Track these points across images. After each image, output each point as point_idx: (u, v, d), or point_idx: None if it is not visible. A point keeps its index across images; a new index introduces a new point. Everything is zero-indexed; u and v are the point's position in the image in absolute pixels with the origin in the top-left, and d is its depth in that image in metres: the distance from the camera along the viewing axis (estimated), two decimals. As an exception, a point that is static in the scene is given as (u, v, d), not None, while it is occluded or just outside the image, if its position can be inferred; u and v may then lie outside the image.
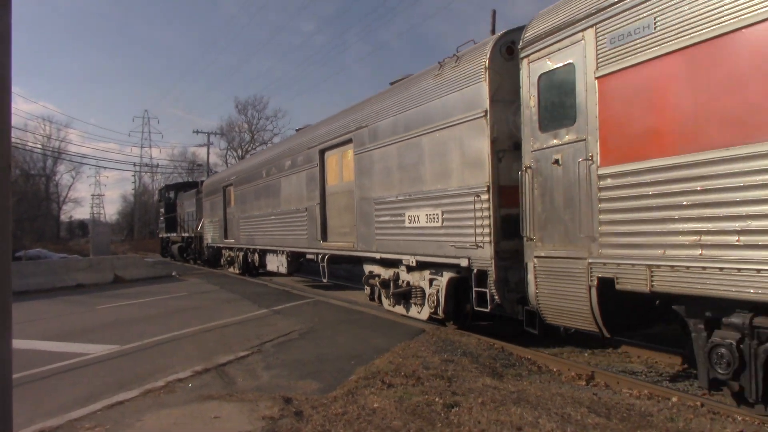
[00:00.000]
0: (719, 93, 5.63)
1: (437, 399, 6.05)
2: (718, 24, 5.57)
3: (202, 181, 34.04)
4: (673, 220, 6.00)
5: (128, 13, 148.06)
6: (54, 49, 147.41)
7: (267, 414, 5.72)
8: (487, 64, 8.97)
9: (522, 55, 8.32)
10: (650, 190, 6.24)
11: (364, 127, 12.93)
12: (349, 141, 13.64)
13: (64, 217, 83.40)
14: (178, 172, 78.05)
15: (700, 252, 5.72)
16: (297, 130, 19.92)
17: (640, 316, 7.47)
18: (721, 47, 5.58)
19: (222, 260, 27.45)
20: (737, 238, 5.35)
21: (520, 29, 8.64)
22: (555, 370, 7.90)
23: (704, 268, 5.65)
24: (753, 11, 5.28)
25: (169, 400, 6.51)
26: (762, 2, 5.20)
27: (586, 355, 8.94)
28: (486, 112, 8.95)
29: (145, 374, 7.78)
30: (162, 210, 41.65)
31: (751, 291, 5.23)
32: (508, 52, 9.03)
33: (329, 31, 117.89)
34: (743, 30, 5.37)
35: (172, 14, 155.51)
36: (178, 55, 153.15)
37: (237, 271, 24.79)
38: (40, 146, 64.88)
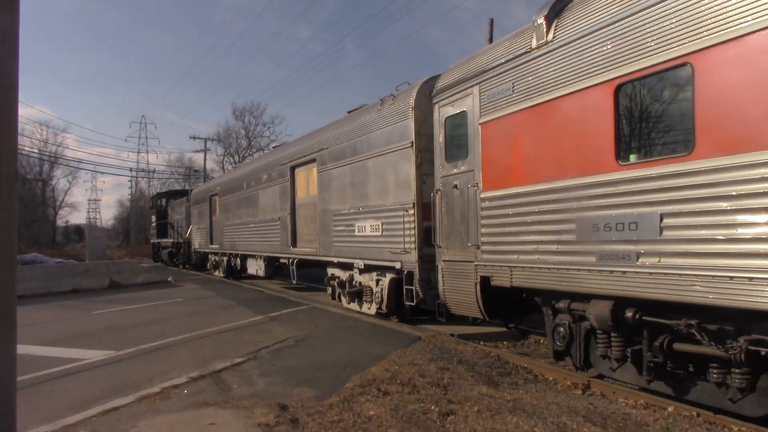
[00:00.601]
0: (547, 142, 7.66)
1: (433, 407, 6.04)
2: (546, 92, 7.62)
3: (191, 190, 36.04)
4: (522, 233, 8.03)
5: (125, 18, 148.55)
6: (51, 54, 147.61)
7: (262, 421, 5.71)
8: (413, 104, 11.02)
9: (434, 101, 10.38)
10: (510, 210, 8.30)
11: (325, 149, 14.98)
12: (314, 160, 15.65)
13: (60, 222, 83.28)
14: (174, 178, 78.13)
15: (537, 257, 7.74)
16: (274, 147, 22.47)
17: (516, 307, 9.33)
18: (549, 110, 7.62)
19: (208, 264, 29.37)
20: (556, 247, 7.41)
21: (437, 78, 10.66)
22: (551, 378, 7.89)
23: (540, 268, 7.68)
24: (564, 86, 7.33)
25: (165, 406, 6.49)
26: (572, 81, 7.22)
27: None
28: (412, 143, 11.01)
29: (141, 380, 7.75)
30: (154, 217, 43.03)
31: (565, 284, 7.28)
32: (430, 94, 10.69)
33: (326, 38, 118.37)
34: (560, 99, 7.41)
35: (170, 20, 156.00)
36: (175, 60, 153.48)
37: (222, 275, 26.54)
38: (36, 151, 64.79)
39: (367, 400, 6.39)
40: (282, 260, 18.69)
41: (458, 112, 9.65)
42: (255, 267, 21.41)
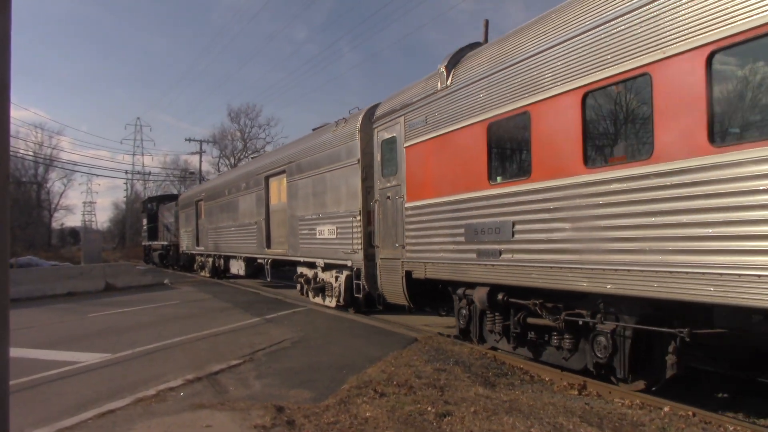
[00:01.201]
0: (447, 165, 9.77)
1: (430, 408, 6.05)
2: (446, 125, 9.75)
3: (179, 195, 38.44)
4: (431, 235, 10.16)
5: (120, 20, 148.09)
6: (45, 56, 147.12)
7: (259, 423, 5.70)
8: (359, 128, 13.17)
9: (374, 126, 12.49)
10: (423, 218, 10.41)
11: (293, 162, 17.13)
12: (284, 171, 17.77)
13: (55, 225, 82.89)
14: (170, 180, 77.96)
15: (441, 254, 9.88)
16: (252, 158, 25.91)
17: (437, 297, 11.03)
18: (448, 139, 9.72)
19: (195, 265, 31.21)
20: (452, 247, 9.53)
21: (377, 106, 12.82)
22: (547, 379, 7.90)
23: (443, 263, 9.83)
24: (458, 122, 9.45)
25: (161, 408, 6.48)
26: (462, 118, 9.32)
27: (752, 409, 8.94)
28: (359, 160, 13.13)
29: (137, 383, 7.73)
30: (145, 220, 44.45)
31: (458, 275, 9.45)
32: (371, 120, 12.73)
33: (322, 40, 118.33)
34: (455, 132, 9.56)
35: (165, 22, 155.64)
36: (171, 62, 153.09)
37: (207, 275, 28.30)
38: (31, 153, 64.58)
39: (363, 402, 6.39)
40: (259, 260, 20.70)
41: (390, 136, 11.75)
42: (236, 267, 23.46)
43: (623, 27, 6.47)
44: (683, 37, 5.79)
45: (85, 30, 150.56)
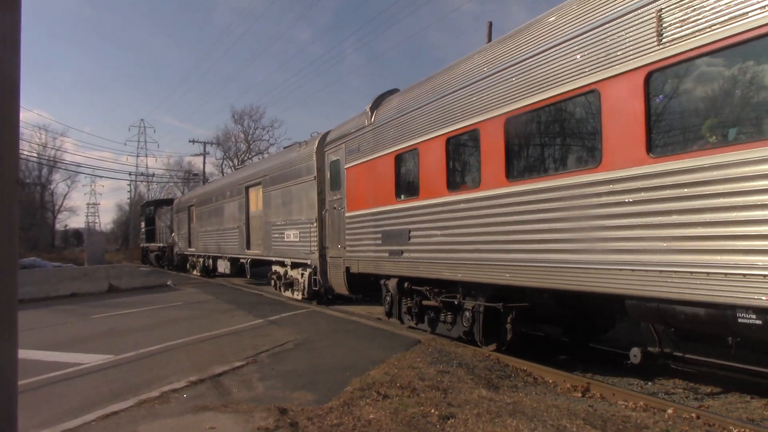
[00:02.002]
0: (371, 184, 12.28)
1: (433, 410, 6.04)
2: (371, 154, 12.30)
3: (174, 200, 41.14)
4: (362, 238, 12.74)
5: (124, 22, 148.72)
6: (48, 57, 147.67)
7: (262, 425, 5.70)
8: (315, 150, 15.90)
9: (325, 149, 15.32)
10: (357, 225, 13.02)
11: (267, 175, 20.01)
12: (260, 183, 20.65)
13: (59, 226, 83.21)
14: (174, 182, 78.11)
15: (368, 254, 12.43)
16: (236, 169, 30.21)
17: (372, 288, 13.46)
18: (372, 164, 12.27)
19: (187, 265, 34.00)
20: (374, 247, 12.02)
21: (329, 133, 15.58)
22: (551, 381, 7.89)
23: (369, 260, 12.39)
24: (377, 152, 11.99)
25: (164, 410, 6.48)
26: (380, 150, 11.87)
27: (581, 366, 8.93)
28: (315, 177, 15.83)
29: (140, 384, 7.74)
30: (143, 223, 47.26)
31: (379, 270, 12.01)
32: (323, 145, 15.57)
33: (325, 42, 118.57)
34: (376, 159, 12.09)
35: (168, 23, 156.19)
36: (174, 64, 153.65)
37: (199, 273, 31.02)
38: (35, 155, 64.78)
39: (366, 404, 6.39)
40: (241, 260, 23.57)
41: (336, 158, 14.44)
42: (223, 266, 26.18)
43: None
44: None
45: (89, 31, 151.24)
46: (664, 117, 6.17)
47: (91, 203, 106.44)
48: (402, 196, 11.20)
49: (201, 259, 30.24)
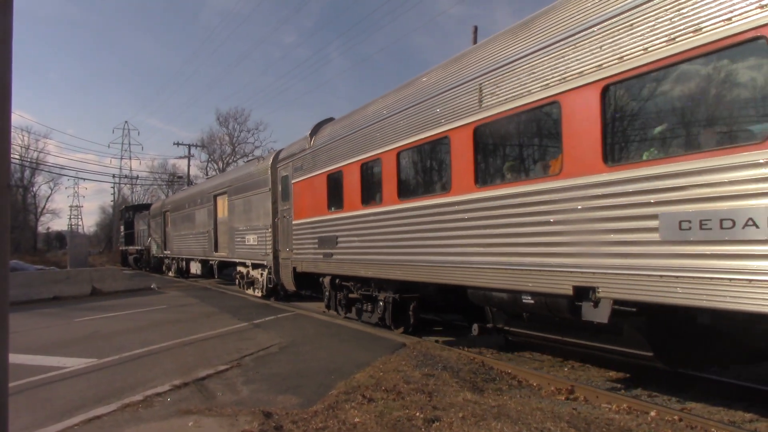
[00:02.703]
0: (311, 197, 14.56)
1: (418, 414, 6.05)
2: (312, 172, 14.48)
3: (151, 205, 43.28)
4: (304, 243, 14.97)
5: (108, 23, 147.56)
6: (31, 58, 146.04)
7: (247, 429, 5.69)
8: (269, 166, 18.14)
9: (277, 166, 17.71)
10: (301, 231, 15.27)
11: (231, 185, 22.26)
12: (226, 192, 22.95)
13: (41, 229, 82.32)
14: (158, 185, 77.52)
15: (308, 255, 14.61)
16: (207, 178, 33.22)
17: (315, 285, 15.50)
18: (312, 181, 14.48)
19: (163, 267, 36.25)
20: (313, 250, 14.23)
21: (281, 151, 18.17)
22: (535, 384, 7.94)
23: (309, 261, 14.61)
24: (317, 171, 14.16)
25: (148, 414, 6.44)
26: (318, 169, 14.17)
27: (566, 369, 9.00)
28: (269, 189, 17.99)
29: (124, 388, 7.69)
30: (122, 227, 49.82)
31: (317, 269, 14.28)
32: (276, 161, 17.94)
33: (311, 44, 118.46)
34: (315, 176, 14.38)
35: (153, 25, 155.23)
36: (159, 66, 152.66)
37: (173, 275, 33.35)
38: (17, 157, 63.98)
39: (351, 407, 6.39)
40: (210, 262, 25.83)
41: (286, 174, 16.81)
42: (195, 267, 28.54)
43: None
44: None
45: (73, 32, 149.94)
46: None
47: (74, 206, 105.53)
48: (332, 209, 13.46)
49: (175, 262, 32.62)
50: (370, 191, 11.88)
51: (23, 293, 19.86)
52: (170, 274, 34.06)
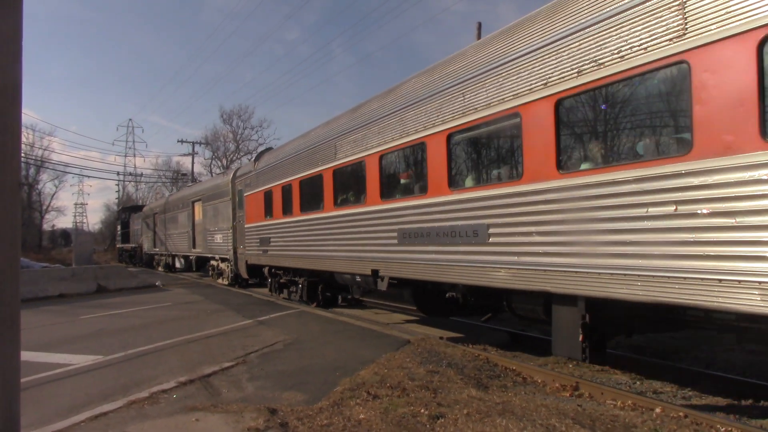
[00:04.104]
0: (257, 207, 18.69)
1: (423, 410, 6.06)
2: (258, 187, 18.76)
3: (144, 206, 48.65)
4: (252, 241, 19.42)
5: (111, 21, 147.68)
6: (35, 56, 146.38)
7: (252, 425, 5.71)
8: (231, 180, 22.58)
9: (235, 180, 21.86)
10: (249, 232, 19.69)
11: (204, 194, 26.69)
12: (200, 199, 27.30)
13: (46, 226, 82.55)
14: (162, 182, 77.68)
15: (254, 251, 19.19)
16: (189, 186, 40.24)
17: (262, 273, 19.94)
18: (258, 195, 18.73)
19: (154, 262, 40.71)
20: (257, 247, 18.98)
21: (239, 168, 23.18)
22: (540, 381, 7.94)
23: (256, 256, 19.22)
24: (261, 187, 18.54)
25: (153, 411, 6.47)
26: (260, 186, 18.61)
27: (570, 366, 9.00)
28: (230, 199, 22.36)
29: (129, 385, 7.72)
30: (119, 226, 55.40)
31: (259, 262, 19.12)
32: (235, 177, 22.34)
33: (314, 41, 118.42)
34: (260, 191, 18.54)
35: (156, 23, 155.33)
36: (163, 63, 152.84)
37: (162, 269, 37.63)
38: (23, 154, 64.10)
39: (356, 404, 6.40)
40: (190, 257, 30.34)
41: (241, 188, 21.00)
42: (179, 263, 34.20)
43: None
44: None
45: (76, 30, 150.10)
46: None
47: (78, 203, 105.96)
48: (267, 217, 17.82)
49: (164, 258, 37.11)
50: (287, 205, 16.09)
51: (29, 291, 19.94)
52: (160, 269, 38.06)
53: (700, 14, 5.35)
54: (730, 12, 5.12)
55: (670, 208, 5.56)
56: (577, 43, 6.67)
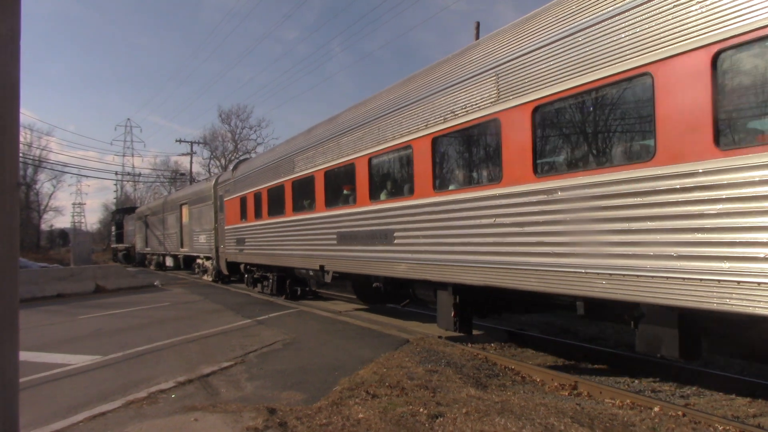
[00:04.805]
0: (233, 211, 21.35)
1: (422, 409, 6.06)
2: (236, 193, 21.08)
3: (136, 209, 51.64)
4: (231, 240, 21.67)
5: (109, 21, 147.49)
6: (32, 56, 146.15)
7: (251, 425, 5.71)
8: (213, 185, 24.87)
9: (217, 186, 24.23)
10: (228, 233, 22.02)
11: (191, 198, 28.84)
12: (187, 202, 29.41)
13: (44, 226, 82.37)
14: (160, 182, 77.61)
15: (232, 250, 21.60)
16: (177, 190, 42.04)
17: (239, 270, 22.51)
18: (235, 200, 21.12)
19: (146, 261, 43.16)
20: (233, 246, 21.57)
21: (221, 175, 25.70)
22: (538, 380, 7.95)
23: (233, 254, 21.66)
24: (237, 193, 20.98)
25: (152, 411, 6.46)
26: (238, 192, 20.93)
27: (569, 365, 9.00)
28: (213, 202, 24.51)
29: (128, 385, 7.71)
30: (113, 227, 57.77)
31: (236, 259, 21.68)
32: (216, 183, 24.60)
33: (313, 40, 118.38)
34: (237, 197, 20.82)
35: (155, 22, 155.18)
36: (160, 63, 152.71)
37: (153, 268, 39.89)
38: (20, 154, 64.03)
39: (355, 403, 6.40)
40: (179, 256, 32.20)
41: (221, 193, 23.17)
42: (169, 261, 35.79)
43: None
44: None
45: (73, 30, 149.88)
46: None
47: (76, 203, 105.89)
48: (242, 220, 20.12)
49: (155, 257, 39.56)
50: (258, 210, 18.41)
51: (27, 291, 19.91)
52: (151, 267, 40.32)
53: (508, 86, 7.72)
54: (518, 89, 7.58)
55: (490, 220, 8.05)
56: (441, 100, 9.12)
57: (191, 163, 59.85)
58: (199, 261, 28.76)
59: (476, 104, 8.32)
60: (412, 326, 12.66)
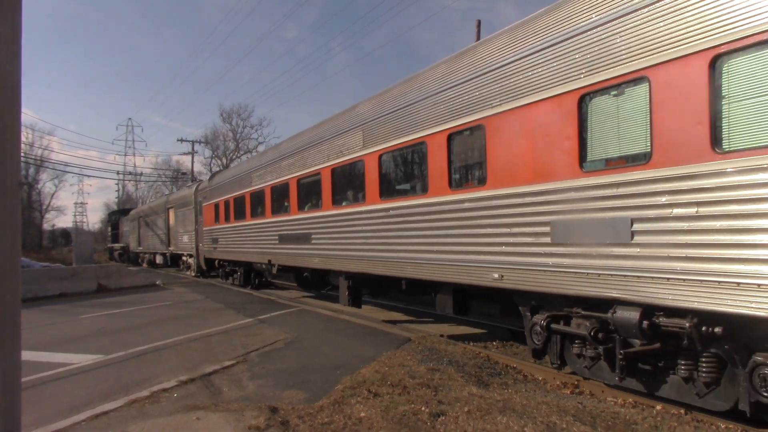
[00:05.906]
0: (210, 214, 25.11)
1: (423, 408, 6.06)
2: (212, 199, 24.84)
3: (131, 210, 54.50)
4: (207, 240, 25.74)
5: (109, 19, 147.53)
6: (33, 55, 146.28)
7: (253, 424, 5.71)
8: (194, 192, 28.75)
9: (197, 192, 28.10)
10: (206, 234, 25.86)
11: (176, 202, 32.35)
12: (173, 206, 32.93)
13: (46, 226, 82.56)
14: (162, 181, 77.72)
15: (210, 248, 25.41)
16: (166, 195, 43.73)
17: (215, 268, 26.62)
18: (212, 205, 24.84)
19: (139, 260, 46.22)
20: (209, 243, 25.72)
21: (201, 182, 29.69)
22: (540, 378, 7.94)
23: (209, 251, 25.68)
24: (213, 200, 24.69)
25: (154, 410, 6.47)
26: (214, 198, 24.73)
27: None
28: (194, 207, 28.30)
29: (130, 384, 7.72)
30: (110, 228, 61.91)
31: (213, 256, 25.79)
32: (197, 190, 28.61)
33: (313, 39, 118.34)
34: (214, 203, 24.51)
35: (156, 22, 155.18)
36: (161, 62, 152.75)
37: (146, 265, 42.52)
38: (22, 154, 64.09)
39: (357, 402, 6.40)
40: (167, 254, 35.75)
41: (200, 199, 26.68)
42: (159, 259, 39.05)
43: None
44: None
45: (74, 29, 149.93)
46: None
47: (78, 202, 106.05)
48: (216, 222, 23.78)
49: (147, 255, 42.71)
50: (227, 215, 22.17)
51: (29, 290, 19.91)
52: (144, 265, 43.39)
53: (370, 138, 11.70)
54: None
55: (359, 227, 11.90)
56: (335, 142, 13.05)
57: (192, 162, 60.05)
58: (183, 258, 32.35)
59: (351, 148, 12.18)
60: (413, 325, 12.67)
